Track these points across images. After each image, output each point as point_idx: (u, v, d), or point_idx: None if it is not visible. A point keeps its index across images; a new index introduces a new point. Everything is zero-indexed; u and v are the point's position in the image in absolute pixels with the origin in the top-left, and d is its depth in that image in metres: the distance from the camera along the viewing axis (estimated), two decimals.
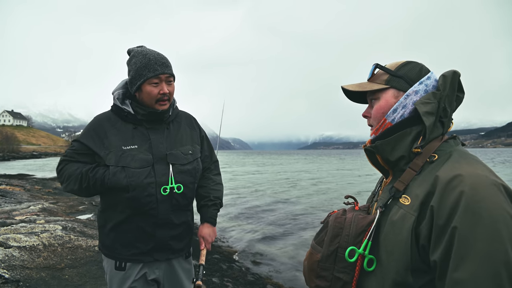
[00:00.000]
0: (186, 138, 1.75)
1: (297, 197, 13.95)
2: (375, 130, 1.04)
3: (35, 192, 11.81)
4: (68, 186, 1.61)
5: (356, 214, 1.03)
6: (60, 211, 7.77)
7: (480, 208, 0.77)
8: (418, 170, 0.93)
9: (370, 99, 1.08)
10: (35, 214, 6.52)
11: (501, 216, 0.76)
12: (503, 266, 0.74)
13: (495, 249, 0.75)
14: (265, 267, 5.72)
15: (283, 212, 10.75)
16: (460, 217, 0.77)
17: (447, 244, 0.79)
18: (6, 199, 8.77)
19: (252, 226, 8.84)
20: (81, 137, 1.63)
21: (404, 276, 0.87)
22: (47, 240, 4.46)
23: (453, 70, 0.96)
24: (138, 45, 1.69)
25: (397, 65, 1.03)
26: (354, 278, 0.96)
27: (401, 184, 0.95)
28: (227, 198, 13.74)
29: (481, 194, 0.78)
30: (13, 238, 4.33)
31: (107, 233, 1.62)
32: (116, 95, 1.65)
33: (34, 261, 3.81)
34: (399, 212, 0.91)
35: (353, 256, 0.95)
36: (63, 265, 3.85)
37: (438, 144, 0.95)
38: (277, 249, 6.77)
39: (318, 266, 1.01)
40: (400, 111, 0.98)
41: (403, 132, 0.97)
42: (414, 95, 0.97)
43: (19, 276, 3.39)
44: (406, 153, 0.97)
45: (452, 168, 0.86)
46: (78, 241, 4.64)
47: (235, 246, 6.96)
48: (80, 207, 8.93)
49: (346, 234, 0.99)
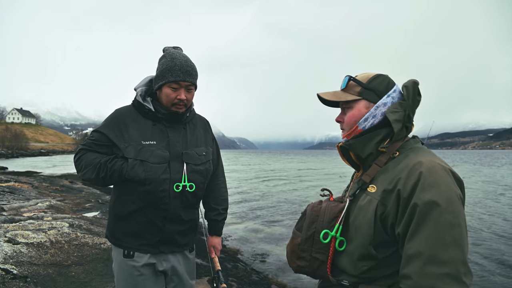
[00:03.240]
0: (201, 139, 1.81)
1: (303, 196, 13.93)
2: (347, 134, 1.20)
3: (42, 189, 11.95)
4: (86, 174, 1.65)
5: (330, 203, 1.20)
6: (67, 208, 7.85)
7: (435, 187, 0.95)
8: (381, 165, 1.11)
9: (343, 107, 1.23)
10: (42, 211, 6.61)
11: (451, 193, 0.95)
12: (451, 235, 0.91)
13: (447, 221, 0.92)
14: (270, 267, 5.72)
15: (289, 211, 10.75)
16: (419, 194, 0.95)
17: (407, 218, 0.97)
18: (14, 195, 8.89)
19: (257, 225, 8.85)
20: (102, 128, 1.67)
21: (368, 249, 1.04)
22: (54, 237, 4.52)
23: (412, 80, 1.14)
24: (174, 46, 1.73)
25: (368, 78, 1.17)
26: (328, 257, 1.13)
27: (368, 177, 1.13)
28: (232, 197, 13.77)
29: (435, 175, 0.97)
30: (21, 234, 4.39)
31: (118, 223, 1.67)
32: (139, 92, 1.70)
33: (42, 258, 3.86)
34: (366, 198, 1.09)
35: (327, 238, 1.12)
36: (69, 262, 3.90)
37: (400, 144, 1.13)
38: (282, 248, 6.76)
39: (298, 249, 1.18)
40: (371, 120, 1.14)
41: (374, 133, 1.14)
42: (383, 106, 1.13)
43: (27, 272, 3.43)
44: (374, 151, 1.14)
45: (413, 158, 1.05)
46: (85, 239, 4.69)
47: (240, 245, 6.97)
48: (87, 205, 9.01)
49: (321, 220, 1.16)
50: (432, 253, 0.91)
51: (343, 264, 1.12)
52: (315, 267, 1.15)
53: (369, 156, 1.15)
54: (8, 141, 61.59)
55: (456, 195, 0.96)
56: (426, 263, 0.91)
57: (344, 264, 1.12)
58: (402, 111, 1.10)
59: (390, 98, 1.14)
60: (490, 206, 11.67)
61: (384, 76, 1.18)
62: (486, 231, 8.14)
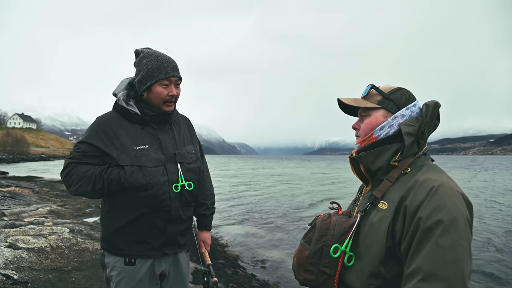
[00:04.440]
0: (187, 138, 1.84)
1: (304, 203, 13.89)
2: (361, 141, 1.20)
3: (43, 194, 11.96)
4: (80, 188, 1.58)
5: (340, 217, 1.19)
6: (67, 213, 7.85)
7: (441, 205, 0.94)
8: (393, 181, 1.10)
9: (361, 115, 1.23)
10: (43, 216, 6.61)
11: (457, 213, 0.93)
12: (453, 255, 0.89)
13: (449, 240, 0.90)
14: (271, 273, 5.69)
15: (290, 217, 10.71)
16: (424, 211, 0.95)
17: (411, 235, 0.96)
18: (15, 200, 8.89)
19: (257, 230, 8.82)
20: (89, 138, 1.60)
21: (378, 268, 1.03)
22: (54, 242, 4.52)
23: (435, 101, 1.13)
24: (144, 47, 1.73)
25: (390, 89, 1.19)
26: (337, 272, 1.12)
27: (379, 193, 1.11)
28: (231, 202, 13.74)
29: (443, 194, 0.96)
30: (22, 239, 4.39)
31: (118, 232, 1.63)
32: (120, 96, 1.67)
33: (42, 263, 3.86)
34: (377, 215, 1.07)
35: (337, 252, 1.11)
36: (70, 268, 3.89)
37: (412, 160, 1.12)
38: (283, 254, 6.74)
39: (306, 262, 1.18)
40: (387, 129, 1.14)
41: (385, 147, 1.13)
42: (401, 118, 1.13)
43: (27, 277, 3.43)
44: (385, 165, 1.13)
45: (423, 175, 1.04)
46: (85, 244, 4.69)
47: (240, 251, 6.95)
48: (87, 210, 9.01)
49: (331, 234, 1.15)
50: (431, 271, 0.90)
51: (351, 280, 1.11)
52: (322, 281, 1.15)
53: (379, 170, 1.15)
54: (9, 146, 61.69)
55: (463, 216, 0.94)
56: (423, 280, 0.90)
57: (351, 281, 1.11)
58: (417, 126, 1.09)
59: (409, 111, 1.14)
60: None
61: (405, 90, 1.18)
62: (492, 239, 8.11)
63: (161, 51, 1.73)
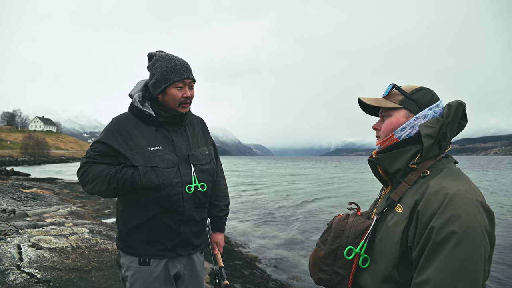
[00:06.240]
0: (201, 140, 1.84)
1: (321, 204, 13.77)
2: (382, 141, 1.17)
3: (63, 195, 12.28)
4: (95, 187, 1.61)
5: (357, 218, 1.19)
6: (87, 214, 8.03)
7: (456, 216, 0.90)
8: (411, 184, 1.07)
9: (382, 115, 1.21)
10: (64, 217, 6.77)
11: (472, 223, 0.89)
12: (464, 267, 0.86)
13: (462, 252, 0.87)
14: (287, 274, 5.65)
15: (308, 217, 10.63)
16: (437, 221, 0.91)
17: (422, 244, 0.94)
18: (37, 201, 9.16)
19: (274, 231, 8.79)
20: (105, 138, 1.63)
21: (391, 272, 1.02)
22: (75, 242, 4.62)
23: (458, 101, 1.08)
24: (157, 50, 1.74)
25: (413, 89, 1.15)
26: (351, 273, 1.11)
27: (396, 196, 1.09)
28: (249, 203, 13.74)
29: (458, 204, 0.92)
30: (44, 239, 4.51)
31: (132, 231, 1.65)
32: (136, 98, 1.70)
33: (63, 263, 3.94)
34: (393, 219, 1.06)
35: (351, 254, 1.10)
36: (90, 267, 3.97)
37: (432, 162, 1.08)
38: (299, 255, 6.68)
39: (321, 262, 1.18)
40: (408, 130, 1.11)
41: (404, 149, 1.10)
42: (423, 118, 1.09)
43: (50, 276, 3.51)
44: (403, 167, 1.10)
45: (438, 182, 1.00)
46: (104, 244, 4.77)
47: (257, 252, 6.93)
48: (106, 211, 9.19)
49: (346, 236, 1.15)
50: (440, 284, 0.87)
51: (364, 282, 1.10)
52: (336, 282, 1.15)
53: (397, 172, 1.12)
54: (30, 148, 63.73)
55: (479, 226, 0.89)
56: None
57: (365, 283, 1.10)
58: (437, 127, 1.05)
59: (432, 111, 1.10)
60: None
61: (428, 90, 1.14)
62: None
63: (179, 55, 1.74)
